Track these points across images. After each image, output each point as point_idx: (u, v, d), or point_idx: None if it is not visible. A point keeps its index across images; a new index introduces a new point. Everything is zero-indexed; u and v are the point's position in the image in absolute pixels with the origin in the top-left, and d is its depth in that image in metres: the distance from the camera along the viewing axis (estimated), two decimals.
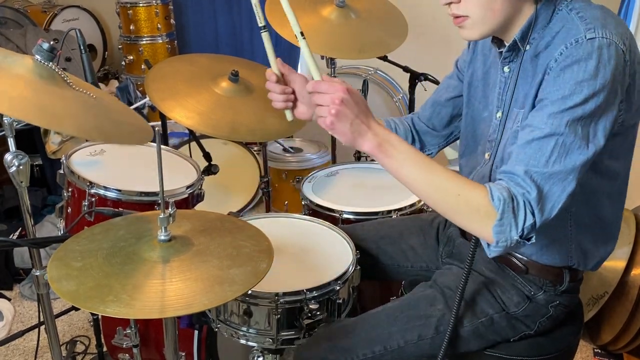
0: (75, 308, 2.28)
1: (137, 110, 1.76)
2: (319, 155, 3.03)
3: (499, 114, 1.24)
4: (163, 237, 1.04)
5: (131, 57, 3.64)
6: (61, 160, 1.79)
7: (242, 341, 1.35)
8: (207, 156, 2.03)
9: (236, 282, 0.97)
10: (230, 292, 0.95)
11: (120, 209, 1.60)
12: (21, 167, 1.25)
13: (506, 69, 1.22)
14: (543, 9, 1.12)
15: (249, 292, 1.28)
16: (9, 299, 2.48)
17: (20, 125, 1.61)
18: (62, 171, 1.75)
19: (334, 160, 2.71)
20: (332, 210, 1.77)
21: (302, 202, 1.86)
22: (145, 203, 1.67)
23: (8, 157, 1.26)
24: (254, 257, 1.05)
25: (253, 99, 1.81)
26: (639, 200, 2.27)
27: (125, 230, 1.12)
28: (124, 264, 1.00)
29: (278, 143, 3.10)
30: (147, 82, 1.75)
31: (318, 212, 1.79)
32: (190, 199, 1.77)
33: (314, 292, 1.31)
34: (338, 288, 1.35)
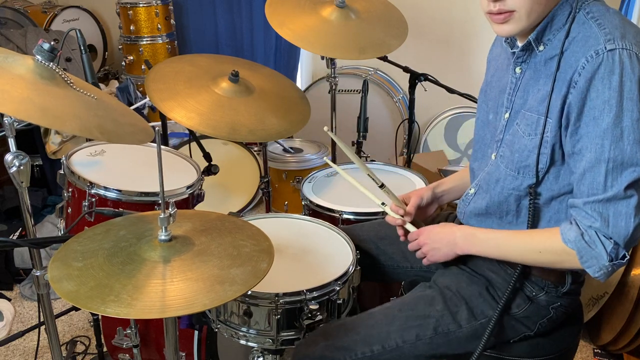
0: (76, 308, 2.28)
1: (137, 111, 1.76)
2: (319, 156, 3.03)
3: (507, 115, 1.24)
4: (163, 237, 1.04)
5: (131, 58, 3.64)
6: (61, 161, 1.79)
7: (242, 342, 1.35)
8: (207, 156, 2.03)
9: (237, 282, 0.97)
10: (231, 292, 0.95)
11: (120, 209, 1.60)
12: (21, 168, 1.25)
13: (517, 70, 1.22)
14: (560, 9, 1.12)
15: (249, 292, 1.28)
16: (9, 299, 2.48)
17: (21, 126, 1.60)
18: (62, 171, 1.75)
19: (334, 161, 2.71)
20: (332, 210, 1.77)
21: (302, 203, 1.86)
22: (146, 203, 1.67)
23: (8, 157, 1.25)
24: (254, 257, 1.05)
25: (253, 100, 1.82)
26: None
27: (126, 231, 1.12)
28: (124, 264, 1.00)
29: (278, 143, 3.09)
30: (147, 82, 1.75)
31: (318, 212, 1.79)
32: (190, 199, 1.77)
33: (314, 292, 1.32)
34: (338, 288, 1.35)
